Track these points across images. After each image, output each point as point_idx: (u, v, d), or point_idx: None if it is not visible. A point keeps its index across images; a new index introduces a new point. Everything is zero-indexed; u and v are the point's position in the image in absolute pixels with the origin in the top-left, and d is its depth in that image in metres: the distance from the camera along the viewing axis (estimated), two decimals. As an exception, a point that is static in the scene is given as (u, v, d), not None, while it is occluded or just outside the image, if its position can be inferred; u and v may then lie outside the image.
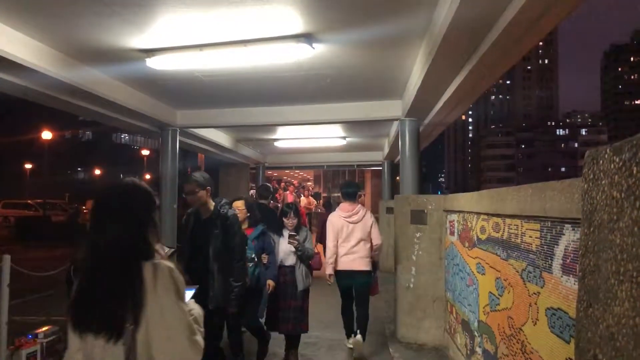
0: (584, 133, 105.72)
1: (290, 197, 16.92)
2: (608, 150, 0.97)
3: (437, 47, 4.13)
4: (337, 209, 5.39)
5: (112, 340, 1.55)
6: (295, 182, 25.36)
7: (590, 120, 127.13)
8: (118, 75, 5.81)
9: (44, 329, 4.30)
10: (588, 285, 1.00)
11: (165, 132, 7.97)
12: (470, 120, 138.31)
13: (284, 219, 4.90)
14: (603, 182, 0.97)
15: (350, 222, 5.19)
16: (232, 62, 5.09)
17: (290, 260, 4.89)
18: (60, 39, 4.61)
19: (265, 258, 4.89)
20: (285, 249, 4.85)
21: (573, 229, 2.22)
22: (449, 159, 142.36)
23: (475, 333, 4.05)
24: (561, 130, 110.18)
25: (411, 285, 5.67)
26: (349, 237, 5.15)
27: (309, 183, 27.01)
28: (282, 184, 20.63)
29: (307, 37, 4.43)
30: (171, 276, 1.63)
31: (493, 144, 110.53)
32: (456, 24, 3.65)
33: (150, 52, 4.81)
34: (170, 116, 7.72)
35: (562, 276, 2.33)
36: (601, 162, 0.99)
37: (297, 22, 4.22)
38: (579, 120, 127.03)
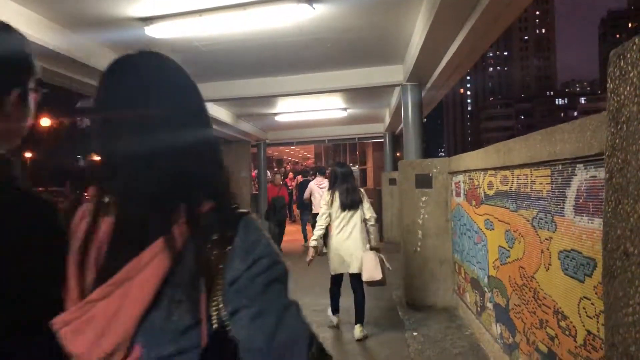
0: (582, 102, 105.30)
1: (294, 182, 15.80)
2: (637, 40, 0.95)
3: (437, 4, 4.09)
4: (314, 180, 10.26)
5: (355, 210, 4.78)
6: (306, 162, 24.71)
7: (589, 88, 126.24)
8: (116, 46, 5.71)
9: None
10: (616, 183, 0.99)
11: (165, 108, 7.90)
12: (468, 93, 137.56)
13: None
14: (631, 74, 0.95)
15: (320, 188, 9.48)
16: (231, 28, 5.01)
17: None
18: (55, 8, 4.51)
19: None
20: None
21: (585, 168, 2.22)
22: (448, 133, 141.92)
23: (486, 289, 4.08)
24: (560, 99, 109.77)
25: (418, 249, 5.72)
26: (322, 196, 8.61)
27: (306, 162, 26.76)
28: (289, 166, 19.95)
29: (307, -2, 4.37)
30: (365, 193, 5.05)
31: (492, 116, 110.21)
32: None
33: (149, 20, 4.74)
34: (169, 92, 7.65)
35: (574, 217, 2.34)
36: (628, 55, 0.97)
37: (296, -19, 4.15)
38: (578, 88, 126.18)
